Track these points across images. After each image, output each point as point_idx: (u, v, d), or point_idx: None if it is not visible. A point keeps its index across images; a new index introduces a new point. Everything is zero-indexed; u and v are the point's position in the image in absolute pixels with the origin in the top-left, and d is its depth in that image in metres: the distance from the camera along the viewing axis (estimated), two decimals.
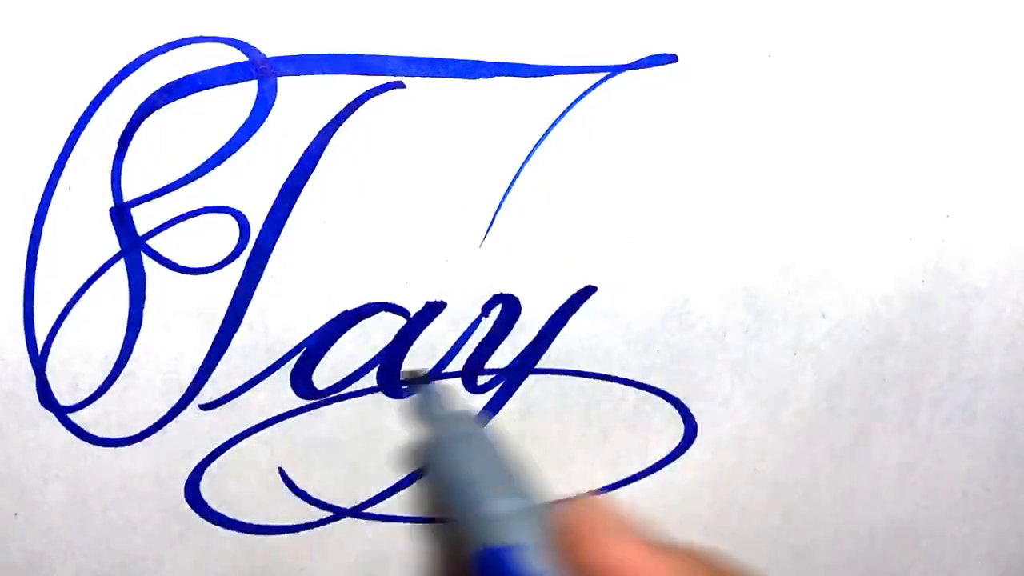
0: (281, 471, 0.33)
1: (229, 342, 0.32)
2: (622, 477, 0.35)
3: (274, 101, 0.30)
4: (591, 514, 0.22)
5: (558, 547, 0.22)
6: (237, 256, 0.31)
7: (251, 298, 0.31)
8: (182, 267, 0.31)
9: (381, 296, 0.32)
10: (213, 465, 0.33)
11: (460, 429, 0.28)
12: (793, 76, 0.32)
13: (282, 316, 0.32)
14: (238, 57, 0.29)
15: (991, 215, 0.35)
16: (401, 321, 0.32)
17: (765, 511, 0.37)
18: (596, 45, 0.31)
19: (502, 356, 0.33)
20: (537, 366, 0.33)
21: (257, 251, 0.31)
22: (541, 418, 0.34)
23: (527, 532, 0.23)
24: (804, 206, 0.33)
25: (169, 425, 0.32)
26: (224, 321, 0.31)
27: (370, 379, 0.33)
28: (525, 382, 0.34)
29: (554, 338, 0.33)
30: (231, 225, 0.31)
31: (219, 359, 0.32)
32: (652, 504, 0.36)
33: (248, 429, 0.33)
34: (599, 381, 0.34)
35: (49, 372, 0.31)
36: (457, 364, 0.33)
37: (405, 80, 0.30)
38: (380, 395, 0.33)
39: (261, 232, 0.31)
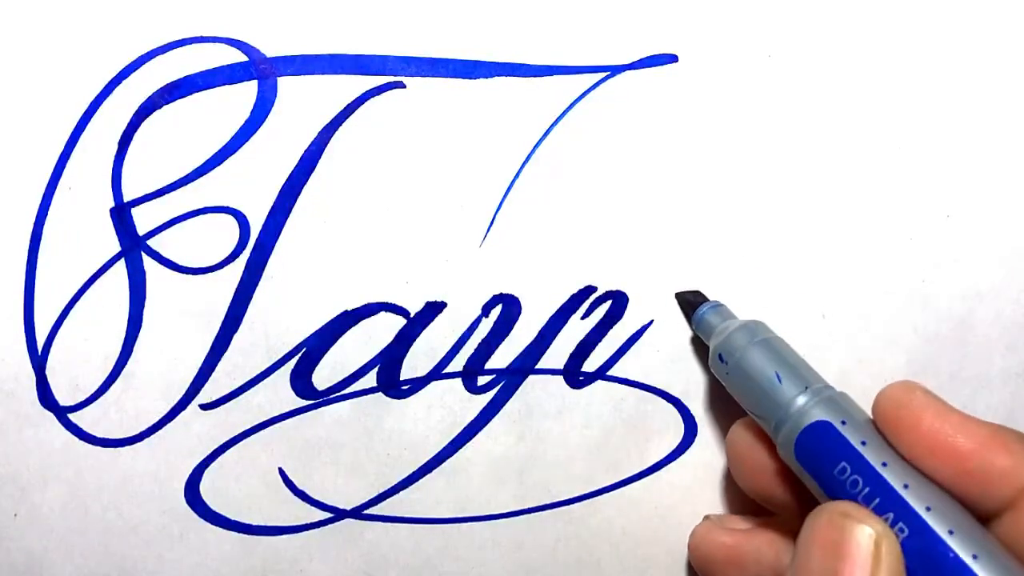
0: (281, 471, 0.33)
1: (229, 342, 0.32)
2: (622, 477, 0.35)
3: (274, 101, 0.30)
4: (916, 390, 0.25)
5: (885, 420, 0.25)
6: (237, 256, 0.31)
7: (251, 298, 0.31)
8: (182, 267, 0.31)
9: (381, 296, 0.32)
10: (213, 465, 0.33)
11: (759, 333, 0.30)
12: (793, 76, 0.32)
13: (282, 316, 0.32)
14: (238, 57, 0.29)
15: (991, 215, 0.35)
16: (401, 321, 0.32)
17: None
18: (596, 45, 0.31)
19: (502, 356, 0.33)
20: (537, 366, 0.33)
21: (257, 251, 0.31)
22: (541, 418, 0.34)
23: (852, 411, 0.26)
24: (804, 206, 0.33)
25: (169, 425, 0.32)
26: (224, 321, 0.31)
27: (370, 379, 0.33)
28: (525, 382, 0.34)
29: (554, 338, 0.33)
30: (231, 225, 0.31)
31: (219, 359, 0.32)
32: (652, 504, 0.36)
33: (248, 429, 0.33)
34: (599, 381, 0.34)
35: (49, 372, 0.31)
36: (457, 364, 0.33)
37: (405, 80, 0.30)
38: (380, 395, 0.33)
39: (261, 232, 0.31)
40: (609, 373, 0.34)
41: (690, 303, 0.33)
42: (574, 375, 0.34)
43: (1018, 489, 0.23)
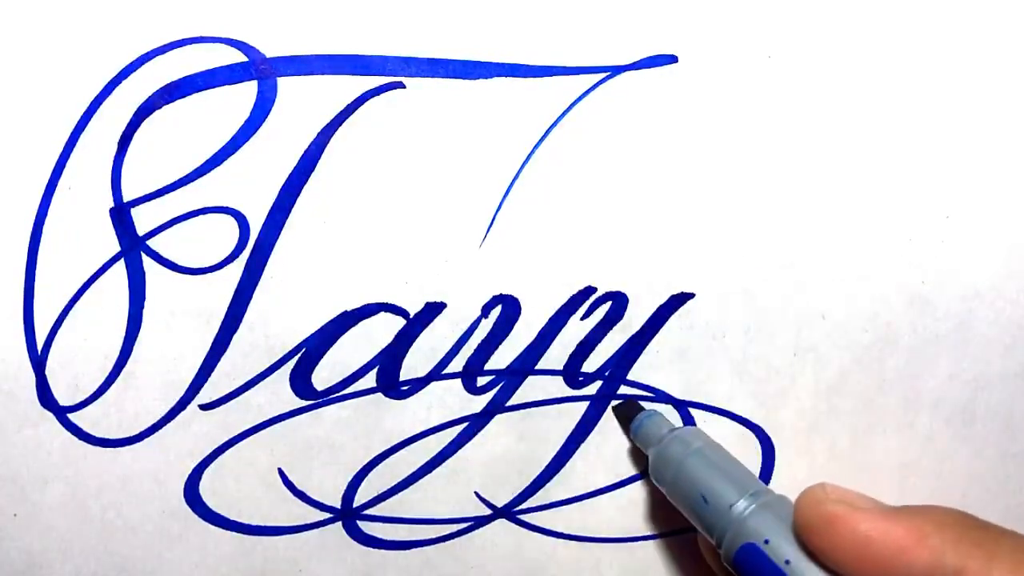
0: (280, 472, 0.33)
1: (229, 342, 0.32)
2: (622, 478, 0.35)
3: (274, 101, 0.30)
4: (827, 500, 0.25)
5: (805, 534, 0.25)
6: (237, 256, 0.31)
7: (251, 298, 0.31)
8: (182, 267, 0.31)
9: (381, 296, 0.32)
10: (212, 466, 0.33)
11: (690, 444, 0.30)
12: (793, 76, 0.32)
13: (282, 316, 0.32)
14: (238, 57, 0.29)
15: (991, 216, 0.35)
16: (401, 322, 0.32)
17: None
18: (596, 45, 0.31)
19: (502, 356, 0.33)
20: (537, 367, 0.33)
21: (257, 251, 0.31)
22: (541, 418, 0.34)
23: (776, 525, 0.26)
24: (804, 206, 0.33)
25: (168, 425, 0.32)
26: (224, 321, 0.31)
27: (370, 380, 0.33)
28: (525, 382, 0.34)
29: (554, 338, 0.33)
30: (231, 225, 0.31)
31: (219, 359, 0.32)
32: (652, 505, 0.36)
33: (247, 430, 0.33)
34: (598, 381, 0.34)
35: (49, 372, 0.31)
36: (457, 365, 0.33)
37: (405, 80, 0.30)
38: (380, 396, 0.33)
39: (261, 232, 0.31)
40: (609, 373, 0.34)
41: (626, 415, 0.34)
42: (574, 375, 0.34)
43: None
